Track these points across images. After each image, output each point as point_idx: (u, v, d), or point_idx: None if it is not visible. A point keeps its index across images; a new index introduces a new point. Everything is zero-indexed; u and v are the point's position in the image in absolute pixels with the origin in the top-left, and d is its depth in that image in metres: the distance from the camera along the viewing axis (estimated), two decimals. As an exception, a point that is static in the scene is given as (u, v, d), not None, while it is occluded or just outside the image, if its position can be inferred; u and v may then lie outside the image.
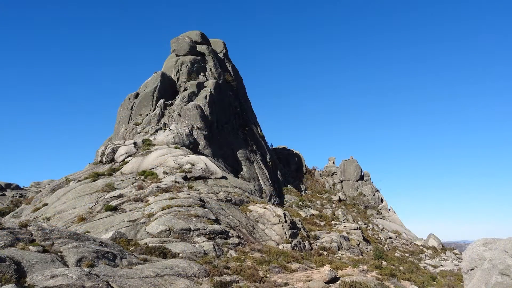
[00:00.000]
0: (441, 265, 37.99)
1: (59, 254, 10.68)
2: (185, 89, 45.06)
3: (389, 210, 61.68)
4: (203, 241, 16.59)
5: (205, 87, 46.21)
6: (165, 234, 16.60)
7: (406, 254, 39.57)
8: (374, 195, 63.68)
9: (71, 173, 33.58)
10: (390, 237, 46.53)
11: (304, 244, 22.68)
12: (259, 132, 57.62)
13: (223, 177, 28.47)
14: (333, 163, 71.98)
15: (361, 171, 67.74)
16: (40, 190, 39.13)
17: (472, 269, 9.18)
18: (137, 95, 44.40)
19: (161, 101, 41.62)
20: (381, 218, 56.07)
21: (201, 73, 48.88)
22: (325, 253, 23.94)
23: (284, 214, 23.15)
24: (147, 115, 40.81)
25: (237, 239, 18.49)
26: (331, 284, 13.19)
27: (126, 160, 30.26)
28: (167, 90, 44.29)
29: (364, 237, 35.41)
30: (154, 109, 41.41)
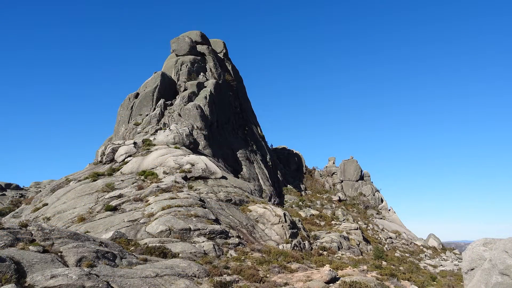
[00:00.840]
0: (441, 265, 37.99)
1: (59, 254, 10.67)
2: (185, 89, 45.07)
3: (389, 210, 61.69)
4: (203, 241, 16.59)
5: (205, 87, 46.21)
6: (165, 234, 16.60)
7: (406, 254, 39.56)
8: (374, 195, 63.71)
9: (71, 173, 33.61)
10: (390, 237, 46.53)
11: (304, 244, 22.68)
12: (259, 132, 57.61)
13: (223, 177, 28.47)
14: (333, 163, 72.01)
15: (361, 171, 67.77)
16: (40, 190, 39.15)
17: (472, 269, 9.18)
18: (137, 95, 44.41)
19: (161, 101, 41.63)
20: (381, 218, 56.07)
21: (201, 73, 48.87)
22: (325, 253, 23.93)
23: (284, 214, 23.15)
24: (147, 115, 40.82)
25: (237, 239, 18.49)
26: (331, 284, 13.18)
27: (126, 160, 30.27)
28: (167, 90, 44.29)
29: (364, 237, 35.40)
30: (154, 109, 41.42)
